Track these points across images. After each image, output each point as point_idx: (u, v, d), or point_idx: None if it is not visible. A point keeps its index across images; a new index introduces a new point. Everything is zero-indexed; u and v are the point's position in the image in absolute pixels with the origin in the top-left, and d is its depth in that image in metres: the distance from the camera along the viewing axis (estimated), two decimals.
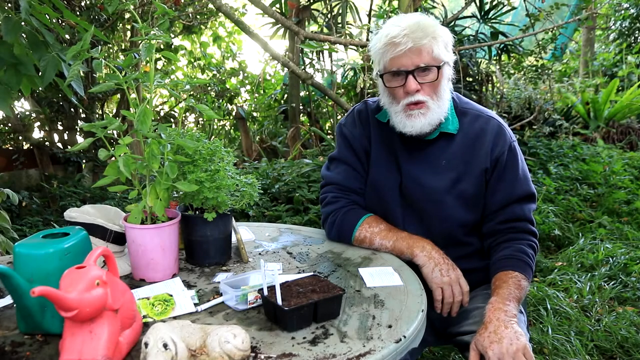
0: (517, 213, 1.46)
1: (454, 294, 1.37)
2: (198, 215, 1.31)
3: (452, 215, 1.47)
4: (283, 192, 4.00)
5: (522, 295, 1.36)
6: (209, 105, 6.91)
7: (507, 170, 1.46)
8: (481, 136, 1.46)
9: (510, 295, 1.32)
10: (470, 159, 1.46)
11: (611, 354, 2.29)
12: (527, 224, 1.47)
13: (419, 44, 1.35)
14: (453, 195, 1.46)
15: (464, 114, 1.50)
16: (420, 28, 1.36)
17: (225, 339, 0.86)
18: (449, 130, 1.47)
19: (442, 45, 1.39)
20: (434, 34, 1.37)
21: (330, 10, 5.02)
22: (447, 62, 1.41)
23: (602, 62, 9.72)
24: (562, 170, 4.89)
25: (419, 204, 1.50)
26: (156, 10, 1.30)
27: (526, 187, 1.48)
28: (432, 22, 1.39)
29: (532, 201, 1.48)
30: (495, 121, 1.49)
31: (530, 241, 1.46)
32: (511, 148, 1.47)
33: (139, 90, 3.98)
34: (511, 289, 1.34)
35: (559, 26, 4.21)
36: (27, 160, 5.10)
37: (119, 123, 1.19)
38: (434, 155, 1.48)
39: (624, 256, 3.21)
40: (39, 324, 0.99)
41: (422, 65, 1.37)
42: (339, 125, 1.64)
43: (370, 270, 1.31)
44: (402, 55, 1.37)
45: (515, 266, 1.41)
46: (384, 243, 1.46)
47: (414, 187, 1.49)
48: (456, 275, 1.38)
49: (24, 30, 1.58)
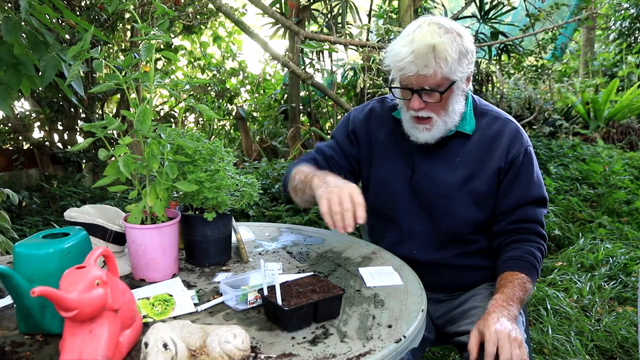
0: (529, 214, 1.47)
1: (343, 204, 1.21)
2: (198, 215, 1.31)
3: (461, 212, 1.48)
4: (283, 192, 3.99)
5: (525, 298, 1.36)
6: (209, 105, 6.91)
7: (522, 172, 1.47)
8: (498, 137, 1.48)
9: (514, 296, 1.32)
10: (485, 159, 1.47)
11: (611, 354, 2.29)
12: (538, 227, 1.48)
13: (423, 72, 1.34)
14: (464, 192, 1.47)
15: (482, 115, 1.52)
16: (427, 53, 1.32)
17: (225, 339, 0.86)
18: (465, 130, 1.48)
19: (456, 62, 1.35)
20: (444, 58, 1.32)
21: (330, 10, 5.02)
22: (459, 79, 1.39)
23: (602, 62, 9.72)
24: (562, 170, 4.89)
25: (429, 198, 1.50)
26: (156, 10, 1.30)
27: (540, 190, 1.48)
28: (444, 42, 1.32)
29: (544, 205, 1.49)
30: (513, 124, 1.51)
31: (539, 244, 1.47)
32: (527, 151, 1.48)
33: (139, 90, 3.98)
34: (516, 290, 1.34)
35: (559, 26, 4.21)
36: (27, 160, 5.10)
37: (119, 123, 1.19)
38: (449, 153, 1.49)
39: (624, 256, 3.21)
40: (39, 324, 0.99)
41: (428, 88, 1.37)
42: (351, 111, 1.70)
43: (370, 269, 1.31)
44: (410, 75, 1.37)
45: (522, 268, 1.41)
46: (301, 177, 1.43)
47: (426, 181, 1.50)
48: (348, 188, 1.24)
49: (24, 30, 1.58)
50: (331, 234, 1.62)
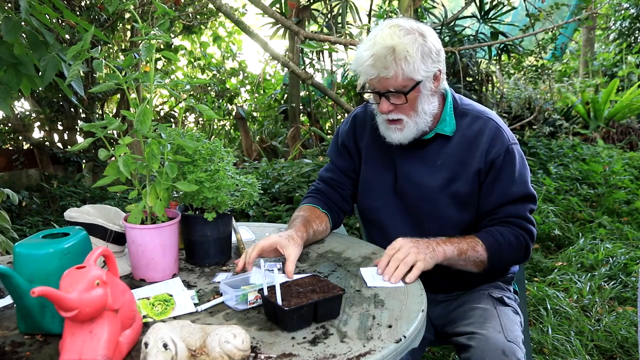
0: (511, 212, 1.44)
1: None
2: (198, 215, 1.31)
3: (445, 215, 1.47)
4: (283, 192, 4.00)
5: (470, 257, 1.37)
6: (209, 105, 6.91)
7: (503, 172, 1.44)
8: (479, 137, 1.45)
9: (456, 242, 1.35)
10: (466, 159, 1.45)
11: (611, 354, 2.29)
12: (522, 221, 1.44)
13: (384, 73, 1.35)
14: (446, 194, 1.46)
15: (463, 115, 1.49)
16: (386, 56, 1.33)
17: (225, 339, 0.86)
18: (444, 132, 1.47)
19: (418, 62, 1.35)
20: (404, 56, 1.33)
21: (330, 10, 5.02)
22: (425, 78, 1.38)
23: (602, 62, 9.73)
24: (562, 170, 4.89)
25: (413, 203, 1.50)
26: (156, 10, 1.30)
27: (523, 188, 1.44)
28: (404, 43, 1.33)
29: (529, 202, 1.45)
30: (494, 123, 1.47)
31: (517, 232, 1.43)
32: (508, 150, 1.44)
33: (139, 90, 3.98)
34: (462, 244, 1.36)
35: (559, 26, 4.21)
36: (27, 160, 5.10)
37: (119, 123, 1.19)
38: (430, 155, 1.48)
39: (624, 256, 3.21)
40: (39, 324, 0.99)
41: (392, 90, 1.38)
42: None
43: (372, 270, 1.30)
44: (372, 79, 1.38)
45: (482, 237, 1.40)
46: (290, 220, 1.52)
47: (409, 186, 1.50)
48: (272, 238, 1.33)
49: (24, 30, 1.58)
50: (331, 234, 1.62)
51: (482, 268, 1.41)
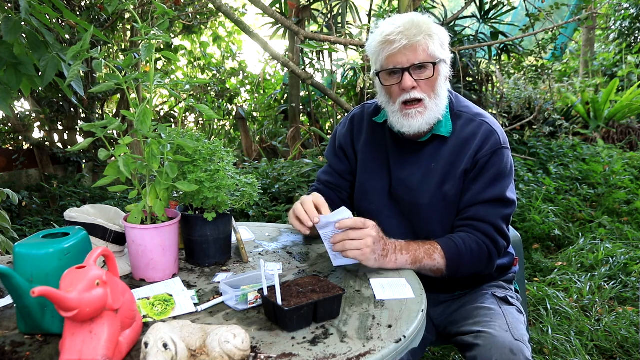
0: (479, 214, 1.40)
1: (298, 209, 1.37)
2: (198, 215, 1.31)
3: (437, 218, 1.46)
4: (283, 192, 4.00)
5: (426, 265, 1.33)
6: (209, 105, 6.91)
7: (484, 172, 1.41)
8: (471, 140, 1.43)
9: (414, 252, 1.31)
10: (456, 162, 1.43)
11: (611, 354, 2.29)
12: (489, 227, 1.39)
13: (413, 40, 1.36)
14: (438, 197, 1.45)
15: (458, 117, 1.48)
16: (414, 25, 1.36)
17: (225, 339, 0.86)
18: (441, 133, 1.45)
19: (438, 43, 1.39)
20: (429, 32, 1.38)
21: (330, 10, 5.02)
22: (443, 60, 1.41)
23: (602, 62, 9.73)
24: (562, 170, 4.89)
25: (407, 205, 1.49)
26: (156, 10, 1.30)
27: (499, 191, 1.40)
28: (427, 20, 1.40)
29: (502, 206, 1.40)
30: (488, 126, 1.45)
31: (480, 240, 1.37)
32: (496, 152, 1.41)
33: (139, 90, 3.98)
34: (419, 251, 1.32)
35: (559, 26, 4.21)
36: (27, 160, 5.11)
37: (119, 123, 1.19)
38: (425, 158, 1.47)
39: (624, 256, 3.21)
40: (39, 324, 0.99)
41: (417, 63, 1.37)
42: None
43: (382, 281, 1.25)
44: (398, 52, 1.37)
45: (442, 243, 1.36)
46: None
47: (403, 189, 1.49)
48: (305, 198, 1.38)
49: (24, 30, 1.58)
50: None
51: (440, 274, 1.38)
